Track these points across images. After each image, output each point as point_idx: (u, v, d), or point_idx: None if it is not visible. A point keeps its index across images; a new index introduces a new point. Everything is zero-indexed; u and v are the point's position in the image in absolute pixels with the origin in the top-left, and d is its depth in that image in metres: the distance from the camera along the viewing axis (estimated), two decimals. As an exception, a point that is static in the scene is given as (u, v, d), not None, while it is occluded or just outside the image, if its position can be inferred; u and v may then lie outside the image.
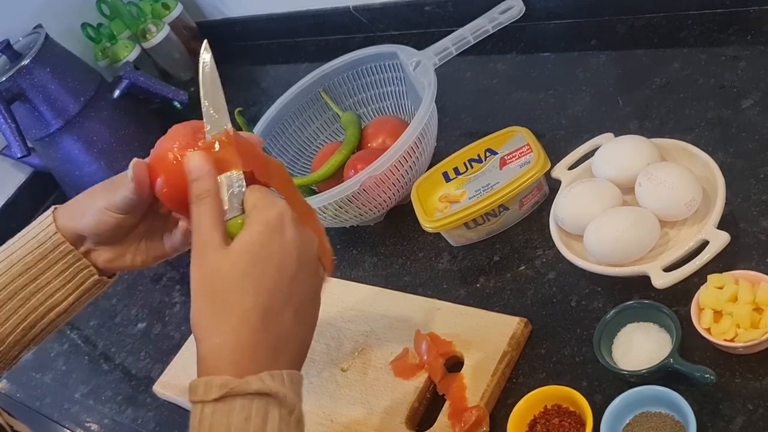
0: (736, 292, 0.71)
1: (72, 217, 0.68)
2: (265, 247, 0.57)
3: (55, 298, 0.69)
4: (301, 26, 1.51)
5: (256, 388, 0.53)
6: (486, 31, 1.04)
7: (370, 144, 1.11)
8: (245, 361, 0.55)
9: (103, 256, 0.69)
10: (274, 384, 0.54)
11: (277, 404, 0.54)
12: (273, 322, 0.56)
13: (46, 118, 1.41)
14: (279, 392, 0.54)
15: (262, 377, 0.54)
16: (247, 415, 0.53)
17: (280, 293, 0.56)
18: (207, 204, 0.58)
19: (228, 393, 0.53)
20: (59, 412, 1.14)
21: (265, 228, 0.57)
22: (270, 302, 0.56)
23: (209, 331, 0.56)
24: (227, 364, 0.54)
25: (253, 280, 0.56)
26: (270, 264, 0.56)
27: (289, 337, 0.57)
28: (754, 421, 0.67)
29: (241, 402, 0.53)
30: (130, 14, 1.57)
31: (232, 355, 0.55)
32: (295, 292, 0.57)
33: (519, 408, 0.75)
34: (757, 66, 0.93)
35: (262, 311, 0.55)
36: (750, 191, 0.82)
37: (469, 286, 0.92)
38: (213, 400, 0.53)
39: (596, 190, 0.85)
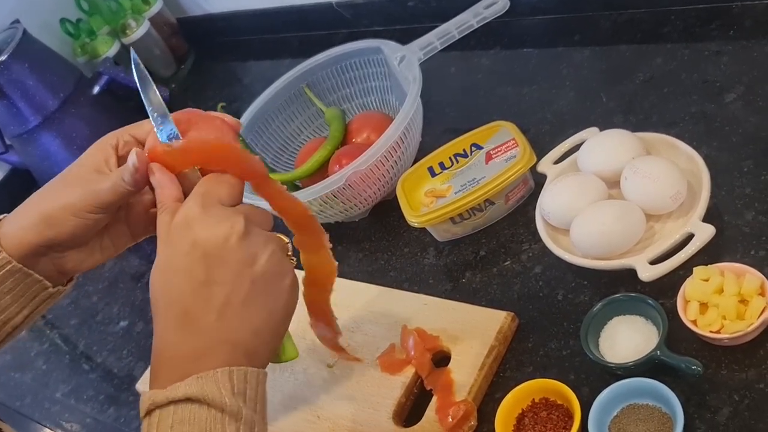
0: (721, 284, 0.71)
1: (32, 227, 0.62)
2: (172, 258, 0.55)
3: (7, 314, 0.64)
4: (283, 22, 1.50)
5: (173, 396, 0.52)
6: (470, 26, 1.04)
7: (354, 139, 1.10)
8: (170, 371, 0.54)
9: (71, 261, 0.65)
10: (196, 388, 0.52)
11: (205, 405, 0.52)
12: (191, 330, 0.54)
13: (25, 114, 1.39)
14: (199, 395, 0.52)
15: (185, 383, 0.52)
16: (172, 423, 0.52)
17: (193, 301, 0.55)
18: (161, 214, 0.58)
19: (151, 406, 0.53)
20: (40, 411, 1.12)
21: (171, 237, 0.56)
22: (183, 312, 0.55)
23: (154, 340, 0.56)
24: (159, 377, 0.55)
25: (165, 293, 0.56)
26: (177, 275, 0.55)
27: (217, 340, 0.54)
28: (740, 412, 0.67)
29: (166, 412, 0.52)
30: (110, 10, 1.55)
31: (160, 367, 0.55)
32: (214, 295, 0.54)
33: (507, 402, 0.75)
34: (739, 61, 0.94)
35: (177, 323, 0.55)
36: (734, 184, 0.82)
37: (455, 281, 0.92)
38: (144, 416, 0.53)
39: (582, 184, 0.85)
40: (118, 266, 1.27)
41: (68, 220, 0.61)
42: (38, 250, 0.63)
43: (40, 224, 0.62)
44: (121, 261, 1.27)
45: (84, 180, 0.62)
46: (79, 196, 0.61)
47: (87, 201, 0.61)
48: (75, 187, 0.62)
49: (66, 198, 0.62)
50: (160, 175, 0.60)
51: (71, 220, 0.61)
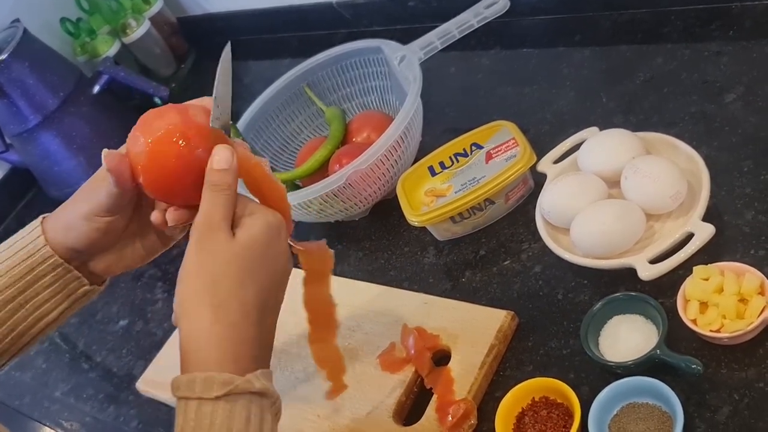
0: (721, 283, 0.71)
1: (61, 230, 0.66)
2: (268, 247, 0.58)
3: (44, 309, 0.67)
4: (283, 22, 1.50)
5: (258, 388, 0.53)
6: (471, 25, 1.04)
7: (354, 139, 1.10)
8: (246, 357, 0.54)
9: (101, 264, 0.68)
10: (268, 384, 0.54)
11: (270, 405, 0.54)
12: (265, 319, 0.57)
13: (25, 113, 1.39)
14: (273, 393, 0.54)
15: (258, 376, 0.53)
16: (248, 416, 0.52)
17: (272, 293, 0.58)
18: (225, 195, 0.58)
19: (231, 391, 0.51)
20: (40, 410, 1.12)
21: (268, 229, 0.58)
22: (265, 300, 0.57)
23: (204, 316, 0.54)
24: (229, 359, 0.53)
25: (254, 275, 0.56)
26: (272, 263, 0.58)
27: (270, 336, 0.59)
28: (740, 411, 0.67)
29: (242, 402, 0.52)
30: (110, 9, 1.55)
31: (234, 349, 0.53)
32: (280, 296, 0.59)
33: (507, 401, 0.75)
34: (739, 61, 0.94)
35: (261, 307, 0.56)
36: (734, 184, 0.82)
37: (455, 280, 0.92)
38: (214, 398, 0.51)
39: (582, 184, 0.85)
40: (118, 265, 1.27)
41: (83, 225, 0.65)
42: (68, 253, 0.66)
43: (64, 230, 0.66)
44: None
45: (91, 188, 0.65)
46: (87, 203, 0.65)
47: (93, 207, 0.64)
48: (85, 196, 0.66)
49: (79, 206, 0.66)
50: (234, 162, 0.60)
51: (85, 225, 0.65)
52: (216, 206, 0.58)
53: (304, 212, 1.00)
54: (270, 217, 0.59)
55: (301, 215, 1.01)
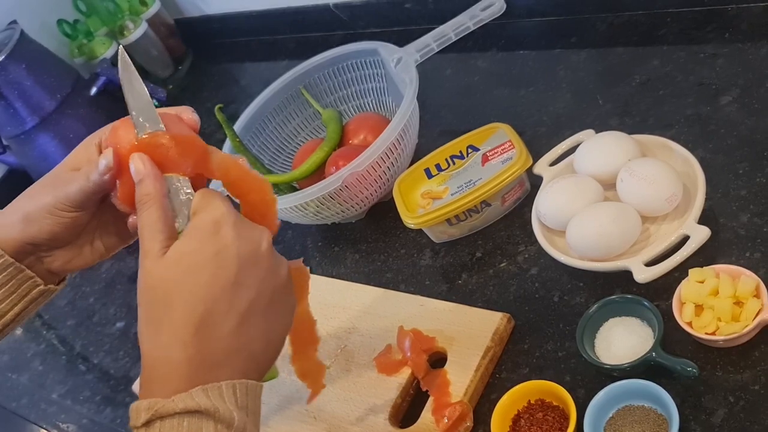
0: (716, 285, 0.71)
1: (18, 223, 0.62)
2: (197, 254, 0.53)
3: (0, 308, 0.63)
4: (280, 23, 1.51)
5: (182, 407, 0.50)
6: (467, 27, 1.05)
7: (351, 141, 1.10)
8: (176, 378, 0.51)
9: (59, 260, 0.65)
10: (205, 400, 0.50)
11: (212, 421, 0.50)
12: (210, 334, 0.52)
13: (22, 115, 1.39)
14: (209, 408, 0.50)
15: (192, 394, 0.50)
16: None
17: (217, 303, 0.52)
18: (148, 210, 0.55)
19: (153, 416, 0.50)
20: (36, 412, 1.12)
21: (197, 233, 0.54)
22: (205, 314, 0.52)
23: (147, 343, 0.53)
24: (159, 382, 0.52)
25: (184, 290, 0.52)
26: (203, 272, 0.52)
27: (236, 348, 0.53)
28: (735, 414, 0.67)
29: (170, 423, 0.50)
30: (107, 10, 1.55)
31: (163, 372, 0.52)
32: (240, 299, 0.53)
33: (503, 403, 0.75)
34: (735, 63, 0.94)
35: (195, 325, 0.52)
36: (729, 186, 0.82)
37: (451, 283, 0.92)
38: (142, 425, 0.50)
39: (578, 186, 0.85)
40: (115, 267, 1.27)
41: (45, 218, 0.61)
42: (24, 248, 0.62)
43: (22, 222, 0.62)
44: (117, 262, 1.27)
45: (60, 179, 0.62)
46: (53, 195, 0.61)
47: (60, 200, 0.61)
48: (51, 187, 0.62)
49: (43, 197, 0.61)
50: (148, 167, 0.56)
51: (48, 219, 0.61)
52: (143, 224, 0.55)
53: (300, 214, 1.00)
54: (202, 220, 0.54)
55: (297, 217, 1.01)
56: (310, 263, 1.05)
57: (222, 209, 0.55)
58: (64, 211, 0.61)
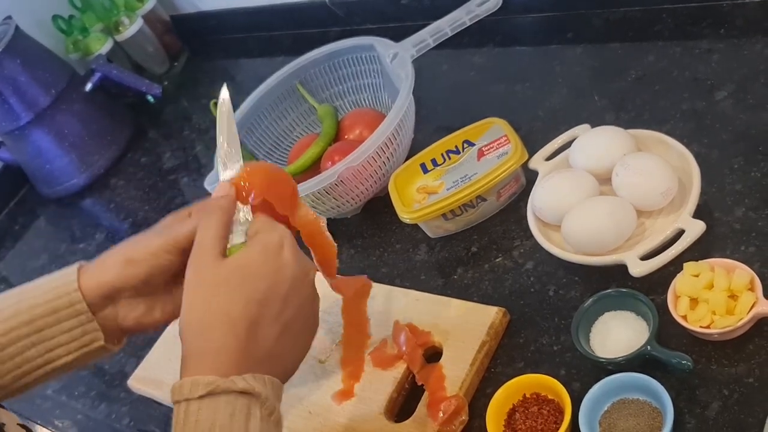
0: (711, 279, 0.72)
1: (110, 269, 0.65)
2: (260, 266, 0.60)
3: (55, 353, 0.65)
4: (276, 19, 1.50)
5: (241, 387, 0.56)
6: (463, 23, 1.04)
7: (347, 136, 1.10)
8: (229, 365, 0.57)
9: (134, 312, 0.67)
10: (257, 384, 0.56)
11: (259, 404, 0.56)
12: (259, 334, 0.58)
13: (16, 110, 1.39)
14: (261, 393, 0.56)
15: (245, 377, 0.56)
16: (232, 412, 0.55)
17: (268, 309, 0.59)
18: (217, 216, 0.62)
19: (214, 390, 0.55)
20: (31, 408, 1.12)
21: (263, 249, 0.61)
22: (257, 316, 0.58)
23: (197, 335, 0.58)
24: (212, 366, 0.57)
25: (243, 292, 0.59)
26: (262, 281, 0.59)
27: (274, 353, 0.59)
28: (730, 406, 0.67)
29: (226, 399, 0.55)
30: (103, 6, 1.54)
31: (217, 358, 0.57)
32: (285, 313, 0.60)
33: (498, 397, 0.75)
34: (730, 59, 0.94)
35: (249, 323, 0.58)
36: (724, 181, 0.83)
37: (447, 277, 0.92)
38: (198, 398, 0.55)
39: (573, 181, 0.85)
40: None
41: (146, 259, 0.65)
42: (111, 293, 0.65)
43: (121, 264, 0.65)
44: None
45: (165, 227, 0.67)
46: (159, 238, 0.66)
47: (166, 241, 0.65)
48: (156, 233, 0.67)
49: (148, 241, 0.66)
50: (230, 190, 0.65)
51: (149, 260, 0.65)
52: (209, 226, 0.62)
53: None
54: (269, 238, 0.61)
55: (293, 212, 1.01)
56: (306, 258, 1.05)
57: (286, 234, 0.63)
58: (167, 252, 0.65)
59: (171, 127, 1.50)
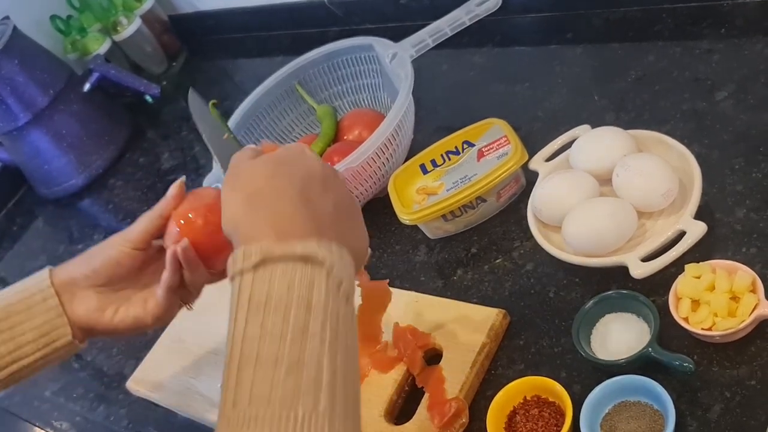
0: (713, 281, 0.71)
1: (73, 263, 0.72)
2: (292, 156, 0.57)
3: (24, 350, 0.68)
4: (274, 19, 1.50)
5: (301, 252, 0.48)
6: (463, 23, 1.04)
7: (346, 136, 1.10)
8: (286, 226, 0.50)
9: (86, 304, 0.70)
10: (321, 250, 0.48)
11: (324, 273, 0.48)
12: (314, 202, 0.53)
13: (14, 111, 1.39)
14: (326, 260, 0.48)
15: (306, 243, 0.48)
16: (290, 283, 0.47)
17: (313, 182, 0.54)
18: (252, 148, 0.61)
19: (267, 257, 0.48)
20: (29, 410, 1.12)
21: (287, 148, 0.58)
22: (305, 188, 0.53)
23: (247, 224, 0.52)
24: (267, 232, 0.50)
25: (283, 173, 0.54)
26: (297, 164, 0.55)
27: (337, 221, 0.53)
28: (732, 409, 0.67)
29: (283, 268, 0.47)
30: (101, 6, 1.54)
31: (271, 224, 0.50)
32: (330, 191, 0.54)
33: (498, 399, 0.75)
34: (730, 59, 0.94)
35: (300, 190, 0.53)
36: (725, 182, 0.82)
37: (446, 279, 0.92)
38: (252, 268, 0.48)
39: (574, 181, 0.85)
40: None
41: (102, 251, 0.71)
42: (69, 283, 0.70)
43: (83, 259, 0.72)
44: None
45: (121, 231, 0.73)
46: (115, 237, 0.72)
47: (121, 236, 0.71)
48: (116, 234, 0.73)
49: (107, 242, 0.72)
50: None
51: (105, 251, 0.71)
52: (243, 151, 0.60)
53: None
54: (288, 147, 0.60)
55: (292, 213, 1.01)
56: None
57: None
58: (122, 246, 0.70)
59: (169, 128, 1.50)
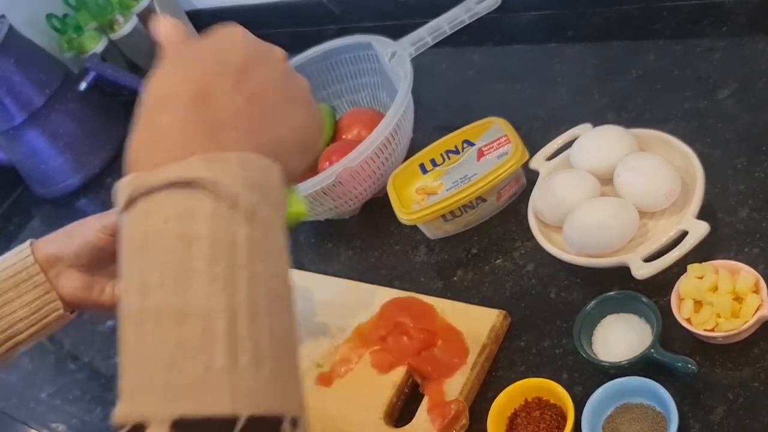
0: (716, 281, 0.71)
1: (54, 241, 0.72)
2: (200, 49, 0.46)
3: (17, 327, 0.70)
4: (272, 17, 1.49)
5: (175, 177, 0.39)
6: (462, 21, 1.03)
7: (344, 136, 1.09)
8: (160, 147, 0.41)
9: (72, 283, 0.72)
10: (203, 170, 0.39)
11: (210, 195, 0.39)
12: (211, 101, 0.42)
13: (10, 110, 1.38)
14: (207, 179, 0.39)
15: (186, 162, 0.40)
16: (167, 217, 0.39)
17: (223, 77, 0.43)
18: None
19: (134, 192, 0.40)
20: (25, 412, 1.11)
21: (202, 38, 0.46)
22: (205, 87, 0.43)
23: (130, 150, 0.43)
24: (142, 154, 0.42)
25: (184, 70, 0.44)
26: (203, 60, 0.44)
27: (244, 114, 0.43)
28: (735, 411, 0.66)
29: (156, 199, 0.39)
30: (97, 5, 1.53)
31: (144, 143, 0.42)
32: (248, 82, 0.44)
33: (499, 401, 0.74)
34: (732, 57, 0.93)
35: (195, 92, 0.42)
36: (727, 181, 0.82)
37: (446, 279, 0.91)
38: (124, 208, 0.40)
39: (575, 181, 0.84)
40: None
41: (81, 234, 0.72)
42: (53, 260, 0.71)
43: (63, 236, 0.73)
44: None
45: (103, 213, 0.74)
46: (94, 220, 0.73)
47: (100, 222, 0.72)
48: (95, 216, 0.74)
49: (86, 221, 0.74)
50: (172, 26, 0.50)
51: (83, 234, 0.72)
52: None
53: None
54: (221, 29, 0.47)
55: (290, 213, 1.00)
56: (303, 260, 1.04)
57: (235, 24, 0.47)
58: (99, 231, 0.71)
59: (166, 127, 1.49)
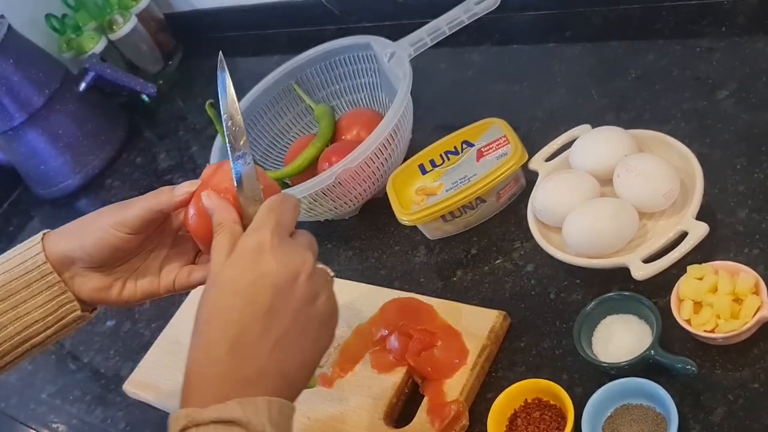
0: (715, 282, 0.71)
1: (66, 238, 0.68)
2: (236, 282, 0.56)
3: (33, 330, 0.67)
4: (271, 18, 1.49)
5: (216, 416, 0.53)
6: (461, 21, 1.03)
7: (344, 136, 1.09)
8: (210, 392, 0.55)
9: (89, 284, 0.68)
10: (239, 411, 0.53)
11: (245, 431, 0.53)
12: (243, 354, 0.55)
13: (9, 111, 1.38)
14: (242, 419, 0.53)
15: (227, 405, 0.53)
16: None
17: (250, 327, 0.56)
18: (219, 235, 0.59)
19: (189, 423, 0.53)
20: (25, 412, 1.11)
21: (239, 260, 0.57)
22: (238, 335, 0.55)
23: (188, 357, 0.57)
24: (196, 395, 0.55)
25: (219, 312, 0.56)
26: (239, 298, 0.56)
27: (268, 369, 0.56)
28: (735, 412, 0.66)
29: (204, 431, 0.53)
30: (96, 5, 1.53)
31: (198, 386, 0.55)
32: (274, 325, 0.56)
33: (499, 402, 0.74)
34: (731, 57, 0.93)
35: (229, 344, 0.55)
36: (727, 182, 0.82)
37: (446, 280, 0.91)
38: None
39: (574, 182, 0.84)
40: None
41: (95, 233, 0.67)
42: (67, 261, 0.67)
43: (75, 234, 0.68)
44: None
45: (123, 205, 0.68)
46: (112, 214, 0.67)
47: (116, 219, 0.67)
48: (118, 206, 0.68)
49: (104, 214, 0.68)
50: (218, 200, 0.62)
51: (97, 233, 0.67)
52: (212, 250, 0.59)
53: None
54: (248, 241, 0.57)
55: (290, 214, 1.00)
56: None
57: (263, 234, 0.57)
58: (116, 230, 0.66)
59: (166, 127, 1.49)
